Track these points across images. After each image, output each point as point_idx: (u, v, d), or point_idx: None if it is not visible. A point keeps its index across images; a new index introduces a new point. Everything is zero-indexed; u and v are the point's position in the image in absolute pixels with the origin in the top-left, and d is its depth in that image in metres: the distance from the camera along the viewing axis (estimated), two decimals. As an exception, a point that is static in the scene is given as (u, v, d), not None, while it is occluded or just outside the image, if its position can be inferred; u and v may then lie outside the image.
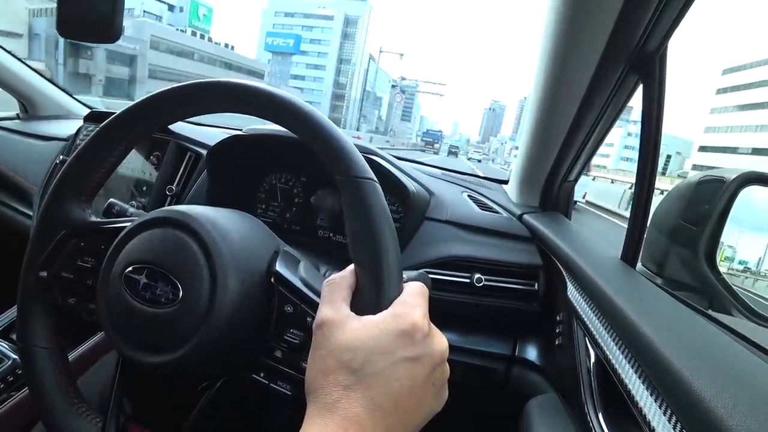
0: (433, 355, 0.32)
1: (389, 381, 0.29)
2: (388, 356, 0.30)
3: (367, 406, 0.28)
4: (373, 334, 0.31)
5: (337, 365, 0.30)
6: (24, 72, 1.30)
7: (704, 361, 0.35)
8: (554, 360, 0.68)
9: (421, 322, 0.32)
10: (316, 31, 75.54)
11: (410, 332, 0.31)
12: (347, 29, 74.54)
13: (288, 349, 0.40)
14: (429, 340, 0.32)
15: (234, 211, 0.45)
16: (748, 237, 0.66)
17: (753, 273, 0.66)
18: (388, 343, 0.30)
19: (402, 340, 0.31)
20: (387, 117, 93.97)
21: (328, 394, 0.29)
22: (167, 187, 0.89)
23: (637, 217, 0.61)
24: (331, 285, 0.35)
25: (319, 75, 77.09)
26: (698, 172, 0.74)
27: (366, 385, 0.29)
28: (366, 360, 0.29)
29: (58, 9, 0.61)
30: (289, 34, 70.91)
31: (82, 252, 0.46)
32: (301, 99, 0.38)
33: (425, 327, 0.32)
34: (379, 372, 0.29)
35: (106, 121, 0.44)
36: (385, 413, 0.28)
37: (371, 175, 0.36)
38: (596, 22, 0.52)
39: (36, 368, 0.45)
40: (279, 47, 68.96)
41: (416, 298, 0.34)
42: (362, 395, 0.28)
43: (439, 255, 0.76)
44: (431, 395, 0.32)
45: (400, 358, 0.30)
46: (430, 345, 0.32)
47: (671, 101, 30.18)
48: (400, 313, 0.32)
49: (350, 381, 0.29)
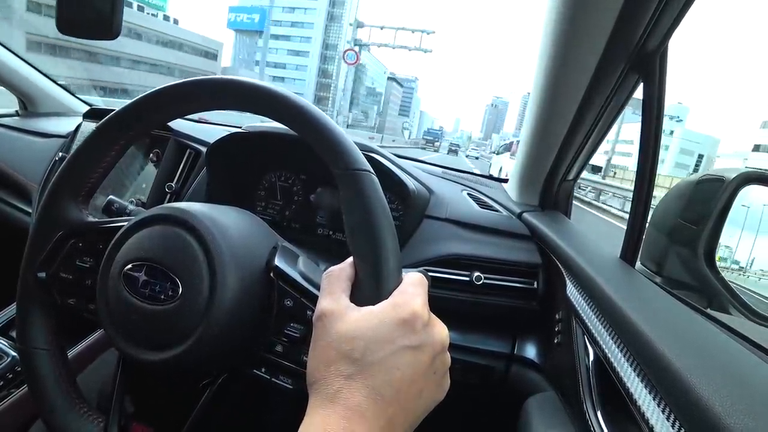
0: (434, 343, 0.32)
1: (390, 370, 0.29)
2: (389, 345, 0.30)
3: (369, 395, 0.28)
4: (373, 323, 0.31)
5: (338, 355, 0.30)
6: (23, 69, 1.29)
7: (703, 360, 0.35)
8: (553, 358, 0.68)
9: (421, 311, 0.32)
10: (298, 12, 65.60)
11: (410, 321, 0.31)
12: (333, 10, 64.70)
13: (289, 343, 0.40)
14: (429, 328, 0.32)
15: (233, 208, 0.45)
16: (747, 237, 0.66)
17: (749, 272, 0.66)
18: (388, 332, 0.30)
19: (402, 328, 0.31)
20: (383, 112, 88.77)
21: (330, 385, 0.29)
22: (167, 184, 0.89)
23: (637, 216, 0.61)
24: (330, 277, 0.35)
25: (302, 62, 68.16)
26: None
27: (367, 374, 0.29)
28: (366, 349, 0.29)
29: (57, 7, 0.60)
30: (255, 8, 61.11)
31: (80, 252, 0.46)
32: (293, 93, 0.38)
33: (425, 315, 0.32)
34: (380, 361, 0.29)
35: (103, 120, 0.44)
36: (386, 402, 0.29)
37: (367, 167, 0.36)
38: (596, 21, 0.52)
39: (36, 370, 0.45)
40: (243, 24, 59.94)
41: (415, 287, 0.34)
42: (363, 384, 0.28)
43: (439, 253, 0.76)
44: (433, 383, 0.32)
45: (400, 347, 0.30)
46: (430, 333, 0.32)
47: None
48: (400, 303, 0.32)
49: (351, 371, 0.29)
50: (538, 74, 0.67)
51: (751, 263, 0.67)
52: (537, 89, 0.69)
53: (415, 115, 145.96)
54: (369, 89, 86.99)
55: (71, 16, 0.61)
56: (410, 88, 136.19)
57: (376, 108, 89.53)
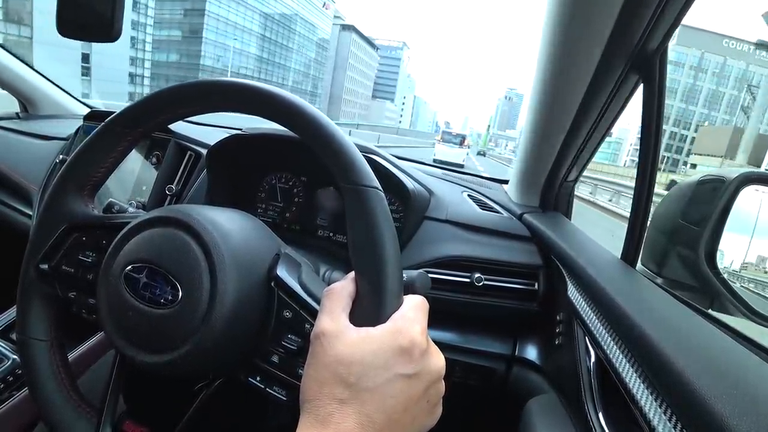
0: (431, 372, 0.32)
1: (384, 397, 0.29)
2: (385, 372, 0.30)
3: (360, 422, 0.28)
4: (371, 348, 0.30)
5: (333, 378, 0.30)
6: (24, 71, 1.30)
7: (704, 361, 0.35)
8: (554, 360, 0.68)
9: (420, 339, 0.32)
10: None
11: (408, 349, 0.31)
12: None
13: (285, 355, 0.40)
14: (426, 357, 0.32)
15: (235, 211, 0.45)
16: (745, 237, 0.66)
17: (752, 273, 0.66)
18: (385, 358, 0.30)
19: (400, 356, 0.30)
20: (332, 80, 59.99)
21: (322, 407, 0.29)
22: (167, 186, 0.89)
23: (638, 217, 0.61)
24: (331, 294, 0.34)
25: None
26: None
27: (361, 400, 0.29)
28: (362, 375, 0.29)
29: (57, 9, 0.60)
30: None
31: (83, 247, 0.46)
32: (306, 101, 0.38)
33: (423, 344, 0.32)
34: (375, 388, 0.29)
35: (112, 116, 0.44)
36: (378, 429, 0.29)
37: (376, 184, 0.36)
38: (596, 22, 0.52)
39: (34, 361, 0.45)
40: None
41: (416, 312, 0.34)
42: (356, 410, 0.28)
43: (439, 254, 0.76)
44: (425, 412, 0.32)
45: (396, 375, 0.30)
46: (427, 362, 0.32)
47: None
48: (400, 329, 0.32)
49: (345, 395, 0.29)
50: (538, 75, 0.67)
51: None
52: (537, 90, 0.69)
53: (406, 101, 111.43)
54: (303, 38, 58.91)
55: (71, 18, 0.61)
56: (394, 59, 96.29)
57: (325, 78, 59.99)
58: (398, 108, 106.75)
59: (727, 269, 0.63)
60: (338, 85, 71.92)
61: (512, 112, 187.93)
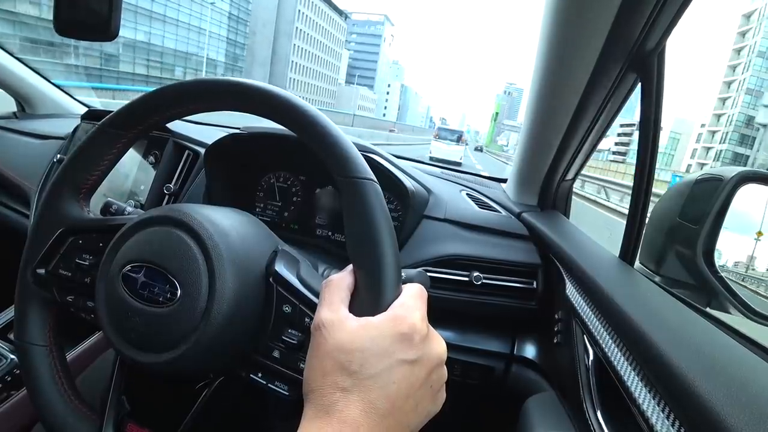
0: (431, 357, 0.32)
1: (387, 383, 0.29)
2: (386, 359, 0.30)
3: (364, 409, 0.28)
4: (371, 336, 0.31)
5: (335, 367, 0.30)
6: (21, 70, 1.29)
7: (702, 359, 0.35)
8: (553, 358, 0.68)
9: (420, 325, 0.32)
10: None
11: (408, 335, 0.31)
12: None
13: (286, 350, 0.40)
14: (427, 342, 0.32)
15: (233, 210, 0.45)
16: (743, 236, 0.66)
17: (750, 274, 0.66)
18: (386, 345, 0.30)
19: (400, 342, 0.31)
20: (272, 51, 38.89)
21: (326, 396, 0.29)
22: (165, 185, 0.89)
23: (636, 215, 0.62)
24: (330, 286, 0.34)
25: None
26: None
27: (363, 387, 0.29)
28: (364, 362, 0.29)
29: (55, 9, 0.60)
30: None
31: (80, 250, 0.46)
32: (300, 98, 0.38)
33: (424, 330, 0.32)
34: (377, 374, 0.29)
35: (105, 118, 0.44)
36: (381, 416, 0.29)
37: (371, 176, 0.36)
38: (594, 20, 0.52)
39: (33, 366, 0.45)
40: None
41: (415, 300, 0.34)
42: (359, 398, 0.28)
43: (438, 253, 0.76)
44: (429, 397, 0.32)
45: (397, 361, 0.30)
46: (428, 348, 0.32)
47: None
48: (399, 316, 0.32)
49: (348, 383, 0.29)
50: (536, 74, 0.67)
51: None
52: (535, 89, 0.69)
53: (391, 89, 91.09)
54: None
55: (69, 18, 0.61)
56: (373, 36, 69.90)
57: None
58: (379, 96, 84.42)
59: (724, 267, 0.63)
60: (280, 58, 47.36)
61: (512, 109, 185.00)
